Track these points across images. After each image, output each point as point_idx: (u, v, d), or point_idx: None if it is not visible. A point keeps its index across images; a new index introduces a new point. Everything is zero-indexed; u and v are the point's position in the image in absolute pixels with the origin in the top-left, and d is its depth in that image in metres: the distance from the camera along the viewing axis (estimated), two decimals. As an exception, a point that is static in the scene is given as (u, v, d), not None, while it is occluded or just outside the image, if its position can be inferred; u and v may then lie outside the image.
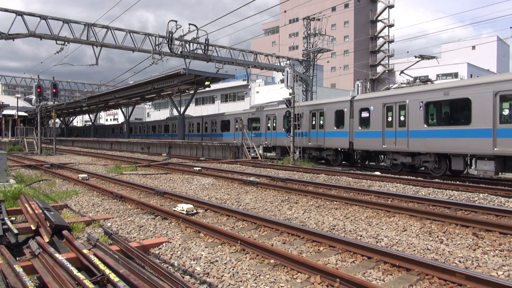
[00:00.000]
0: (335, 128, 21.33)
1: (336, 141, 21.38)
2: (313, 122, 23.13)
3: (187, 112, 41.77)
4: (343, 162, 22.56)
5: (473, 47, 69.68)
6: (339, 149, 21.89)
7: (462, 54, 65.80)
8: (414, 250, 6.10)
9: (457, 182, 13.87)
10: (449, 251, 6.00)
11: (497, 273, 5.10)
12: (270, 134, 27.39)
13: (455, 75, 60.18)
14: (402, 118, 17.24)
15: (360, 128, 19.54)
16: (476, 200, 10.11)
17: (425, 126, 16.27)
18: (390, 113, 17.92)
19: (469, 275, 4.56)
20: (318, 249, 6.15)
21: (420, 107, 16.44)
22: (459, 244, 6.47)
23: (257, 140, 28.03)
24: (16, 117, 44.92)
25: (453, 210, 8.92)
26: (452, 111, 16.11)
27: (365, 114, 19.38)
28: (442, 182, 13.33)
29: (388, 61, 74.25)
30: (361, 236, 6.97)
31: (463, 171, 16.10)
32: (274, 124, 27.09)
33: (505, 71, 62.25)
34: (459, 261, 5.57)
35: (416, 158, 17.03)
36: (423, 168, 18.04)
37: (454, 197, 10.56)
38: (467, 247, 6.31)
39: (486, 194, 10.80)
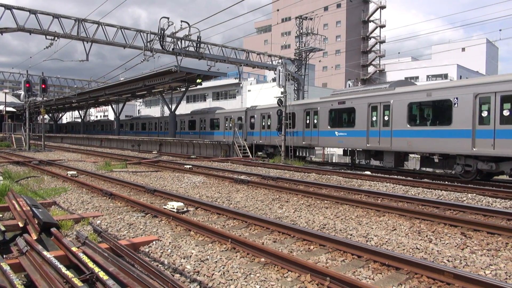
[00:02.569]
0: None
1: None
2: (488, 114, 13.97)
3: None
4: None
5: (463, 49, 70.51)
6: None
7: (452, 56, 66.58)
8: (404, 249, 6.15)
9: (446, 182, 14.03)
10: (437, 250, 6.06)
11: (484, 272, 5.17)
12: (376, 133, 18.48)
13: (445, 76, 60.84)
14: None
15: None
16: (465, 200, 10.23)
17: None
18: None
19: (457, 274, 4.61)
20: (309, 248, 6.17)
21: None
22: (447, 243, 6.54)
23: (354, 141, 19.60)
24: (4, 112, 44.28)
25: (442, 209, 9.02)
26: None
27: None
28: (431, 182, 13.46)
29: (379, 62, 74.78)
30: (351, 235, 7.01)
31: None
32: (387, 118, 18.20)
33: (494, 73, 63.13)
34: (448, 260, 5.63)
35: None
36: None
37: (443, 197, 10.67)
38: (455, 246, 6.38)
39: (474, 194, 10.94)
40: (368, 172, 16.86)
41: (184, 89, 37.88)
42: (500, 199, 10.25)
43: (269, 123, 26.79)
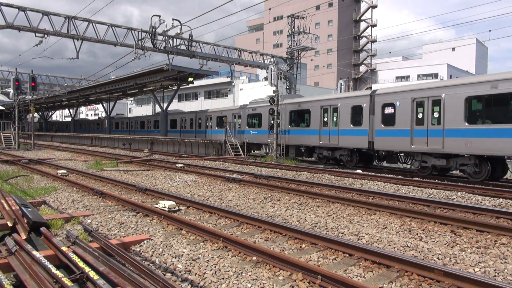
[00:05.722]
0: None
1: None
2: None
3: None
4: None
5: (453, 49, 71.22)
6: None
7: (442, 55, 67.23)
8: (394, 247, 6.19)
9: (436, 180, 14.16)
10: (428, 248, 6.11)
11: (474, 270, 5.23)
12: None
13: (435, 75, 61.40)
14: None
15: None
16: (454, 199, 10.33)
17: None
18: None
19: (447, 271, 4.66)
20: (300, 246, 6.18)
21: None
22: (437, 241, 6.60)
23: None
24: (-7, 111, 43.68)
25: (432, 208, 9.10)
26: None
27: None
28: (421, 181, 13.58)
29: (371, 61, 75.23)
30: (342, 233, 7.04)
31: None
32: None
33: (483, 73, 63.81)
34: (438, 258, 5.68)
35: None
36: None
37: (433, 195, 10.77)
38: (445, 244, 6.44)
39: (464, 193, 11.06)
40: (359, 171, 16.95)
41: (175, 88, 37.67)
42: (489, 197, 10.38)
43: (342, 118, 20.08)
